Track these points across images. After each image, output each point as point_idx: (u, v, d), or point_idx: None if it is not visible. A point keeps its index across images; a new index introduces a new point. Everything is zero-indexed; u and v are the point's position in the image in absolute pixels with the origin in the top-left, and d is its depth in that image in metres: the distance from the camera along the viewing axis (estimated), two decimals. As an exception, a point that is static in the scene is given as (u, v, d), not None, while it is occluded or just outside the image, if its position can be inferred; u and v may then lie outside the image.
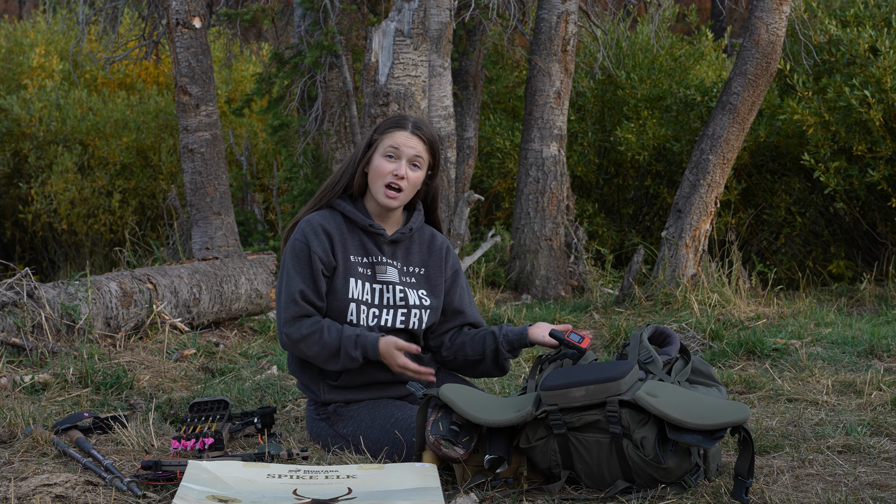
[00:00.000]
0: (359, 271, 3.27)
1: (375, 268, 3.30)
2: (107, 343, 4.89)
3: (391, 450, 3.14)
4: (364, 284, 3.27)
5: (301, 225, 3.28)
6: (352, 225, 3.30)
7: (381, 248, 3.32)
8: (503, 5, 7.64)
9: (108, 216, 9.07)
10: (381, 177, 3.25)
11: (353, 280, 3.25)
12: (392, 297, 3.29)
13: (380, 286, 3.29)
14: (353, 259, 3.27)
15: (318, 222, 3.26)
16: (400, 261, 3.34)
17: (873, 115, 7.05)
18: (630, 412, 2.76)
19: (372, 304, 3.26)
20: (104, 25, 8.73)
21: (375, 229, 3.29)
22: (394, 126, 3.28)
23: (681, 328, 5.29)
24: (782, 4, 6.41)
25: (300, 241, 3.24)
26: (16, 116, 9.33)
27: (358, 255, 3.29)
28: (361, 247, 3.30)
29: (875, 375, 4.16)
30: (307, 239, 3.23)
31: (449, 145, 6.85)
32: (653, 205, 9.12)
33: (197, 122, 6.23)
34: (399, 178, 3.23)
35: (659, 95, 8.58)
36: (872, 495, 2.76)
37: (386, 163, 3.24)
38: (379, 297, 3.28)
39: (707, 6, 15.58)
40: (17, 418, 3.49)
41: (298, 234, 3.26)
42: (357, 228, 3.30)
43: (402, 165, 3.24)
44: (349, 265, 3.26)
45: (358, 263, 3.28)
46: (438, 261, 3.40)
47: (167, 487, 2.86)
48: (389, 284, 3.30)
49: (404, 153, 3.24)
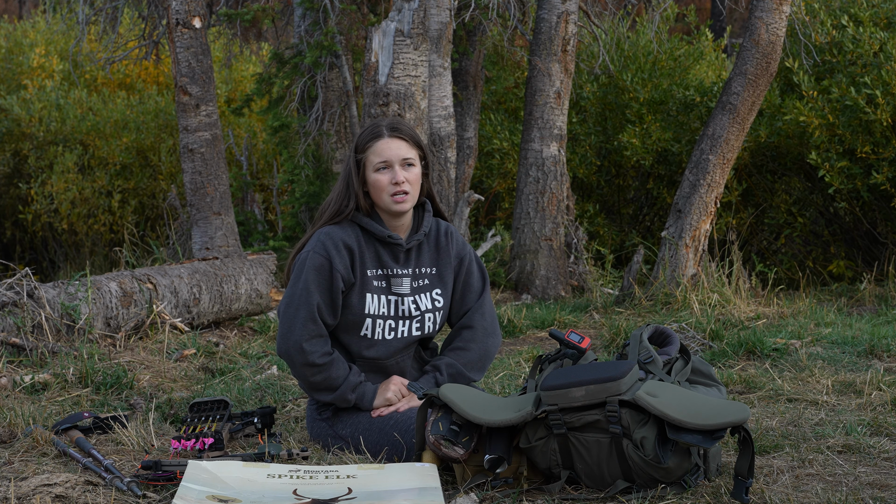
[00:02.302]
0: (374, 285, 3.27)
1: (391, 280, 3.30)
2: (107, 343, 4.88)
3: (391, 451, 3.14)
4: (380, 298, 3.27)
5: (321, 238, 3.24)
6: (369, 237, 3.28)
7: (396, 258, 3.31)
8: (503, 5, 7.64)
9: (107, 216, 9.07)
10: (382, 190, 3.23)
11: (369, 295, 3.25)
12: (407, 308, 3.30)
13: (395, 297, 3.30)
14: (369, 273, 3.27)
15: (340, 237, 3.23)
16: (412, 266, 3.34)
17: (880, 115, 7.05)
18: (630, 412, 2.76)
19: (388, 317, 3.28)
20: (104, 25, 8.73)
21: (394, 240, 3.27)
22: (371, 138, 3.26)
23: (681, 328, 5.29)
24: (782, 4, 6.41)
25: (322, 256, 3.20)
26: (16, 116, 9.33)
27: (374, 269, 3.28)
28: (377, 259, 3.29)
29: (875, 375, 4.16)
30: (329, 254, 3.20)
31: (449, 145, 6.85)
32: (653, 205, 9.12)
33: (197, 122, 6.23)
34: (400, 183, 3.23)
35: (661, 99, 8.58)
36: (872, 495, 2.76)
37: (381, 176, 3.23)
38: (395, 308, 3.29)
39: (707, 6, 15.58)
40: (17, 418, 3.50)
41: (319, 248, 3.22)
42: (374, 240, 3.29)
43: (397, 172, 3.23)
44: (366, 280, 3.26)
45: (374, 277, 3.27)
46: (446, 254, 3.40)
47: (167, 487, 2.86)
48: (405, 296, 3.31)
49: (393, 159, 3.23)
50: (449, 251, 3.39)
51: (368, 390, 3.24)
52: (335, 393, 3.22)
